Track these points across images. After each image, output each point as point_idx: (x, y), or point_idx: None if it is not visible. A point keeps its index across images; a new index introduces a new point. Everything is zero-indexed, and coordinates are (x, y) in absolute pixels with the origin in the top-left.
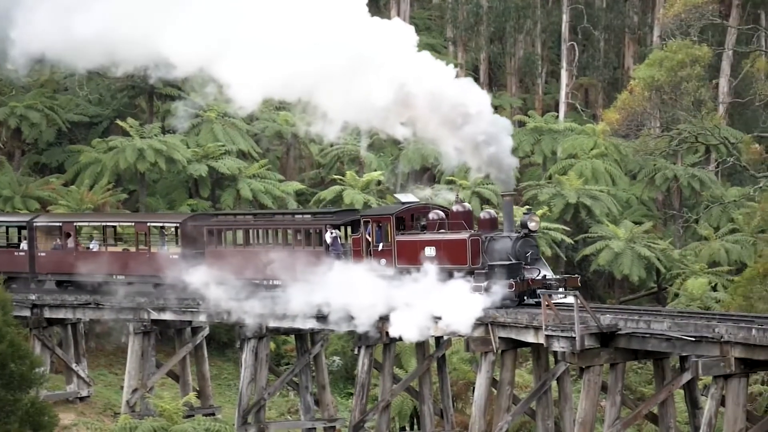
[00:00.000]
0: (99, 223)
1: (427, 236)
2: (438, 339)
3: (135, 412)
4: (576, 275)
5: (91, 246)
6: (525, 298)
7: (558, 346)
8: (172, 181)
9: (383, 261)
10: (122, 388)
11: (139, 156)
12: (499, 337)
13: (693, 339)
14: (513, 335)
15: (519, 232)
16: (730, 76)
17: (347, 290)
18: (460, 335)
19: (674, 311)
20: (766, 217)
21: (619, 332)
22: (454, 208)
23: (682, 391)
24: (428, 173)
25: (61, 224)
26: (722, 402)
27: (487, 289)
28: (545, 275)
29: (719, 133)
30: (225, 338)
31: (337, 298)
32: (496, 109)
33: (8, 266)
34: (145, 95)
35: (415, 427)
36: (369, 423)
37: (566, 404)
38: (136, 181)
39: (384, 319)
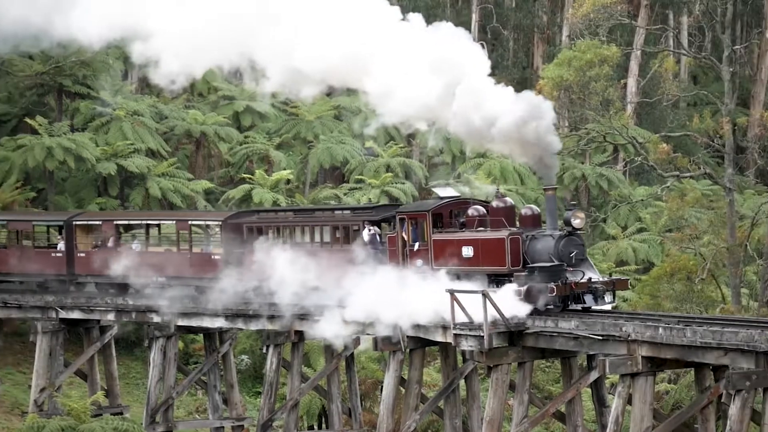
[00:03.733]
0: (140, 222)
1: (464, 235)
2: None
3: (43, 411)
4: (625, 278)
5: (132, 246)
6: (569, 302)
7: (466, 345)
8: (81, 180)
9: (419, 262)
10: (30, 387)
11: (48, 154)
12: (408, 336)
13: (600, 338)
14: (421, 334)
15: (562, 230)
16: (638, 75)
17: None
18: None
19: (582, 310)
20: (673, 217)
21: (527, 331)
22: (494, 203)
23: (589, 390)
24: (337, 172)
25: (100, 223)
26: (629, 400)
27: (527, 294)
28: (590, 277)
29: (627, 133)
30: (133, 337)
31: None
32: None
33: (45, 267)
34: (54, 93)
35: (324, 425)
36: (277, 422)
37: (474, 403)
38: (44, 180)
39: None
